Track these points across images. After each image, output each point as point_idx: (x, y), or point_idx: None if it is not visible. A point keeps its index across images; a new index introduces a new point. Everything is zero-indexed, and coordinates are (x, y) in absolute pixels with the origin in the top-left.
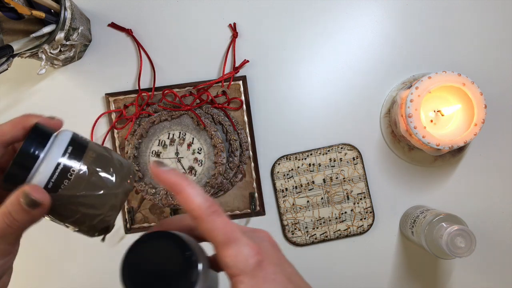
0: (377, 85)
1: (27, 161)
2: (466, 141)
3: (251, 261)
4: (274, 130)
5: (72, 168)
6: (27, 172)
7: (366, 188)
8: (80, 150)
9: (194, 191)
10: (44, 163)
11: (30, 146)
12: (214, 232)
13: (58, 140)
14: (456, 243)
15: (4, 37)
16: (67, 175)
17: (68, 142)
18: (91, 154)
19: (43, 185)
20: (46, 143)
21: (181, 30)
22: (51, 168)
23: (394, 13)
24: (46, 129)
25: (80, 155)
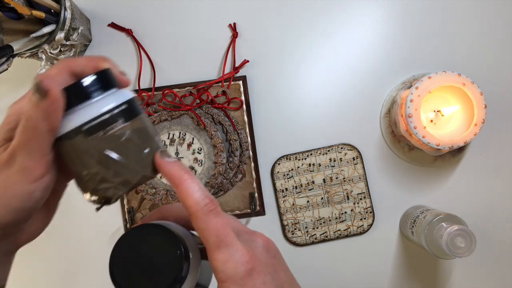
0: (377, 85)
1: (79, 94)
2: (466, 141)
3: (241, 268)
4: (274, 130)
5: (115, 124)
6: (74, 104)
7: (366, 188)
8: (132, 114)
9: (194, 186)
10: (93, 105)
11: (90, 84)
12: (206, 232)
13: (117, 94)
14: (456, 243)
15: (4, 37)
16: (106, 127)
17: (125, 100)
18: (138, 123)
19: (80, 124)
20: (106, 91)
21: (181, 30)
22: (96, 113)
23: (394, 13)
24: (113, 79)
25: (128, 118)
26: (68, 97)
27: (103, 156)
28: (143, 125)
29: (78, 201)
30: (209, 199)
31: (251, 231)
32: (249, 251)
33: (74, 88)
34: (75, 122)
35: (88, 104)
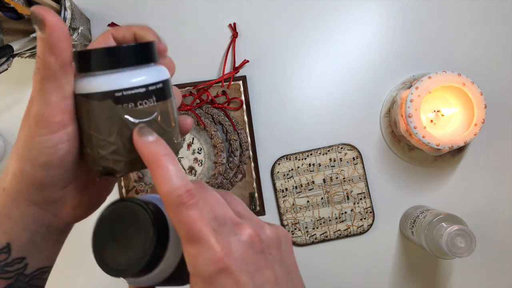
0: (377, 85)
1: (119, 58)
2: (466, 141)
3: (210, 267)
4: (274, 130)
5: (147, 101)
6: (112, 66)
7: (366, 188)
8: (164, 95)
9: (169, 172)
10: (131, 74)
11: (131, 52)
12: (177, 226)
13: (156, 69)
14: (456, 243)
15: (4, 37)
16: (137, 101)
17: (162, 79)
18: (167, 106)
19: (113, 89)
20: (145, 63)
21: (181, 30)
22: (132, 83)
23: (394, 13)
24: (154, 53)
25: (160, 98)
26: (107, 59)
27: (125, 129)
28: (171, 110)
29: None
30: (184, 189)
31: (238, 222)
32: (224, 248)
33: (113, 51)
34: (108, 85)
35: (125, 71)
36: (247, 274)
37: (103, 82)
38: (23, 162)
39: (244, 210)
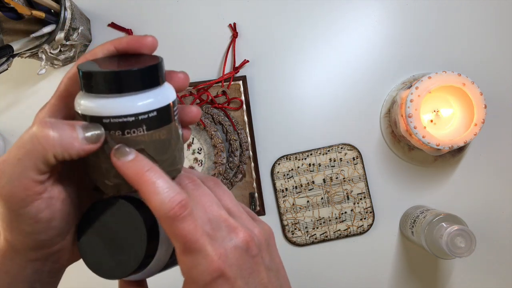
0: (377, 85)
1: (110, 84)
2: (466, 141)
3: (206, 277)
4: (274, 130)
5: (135, 130)
6: (105, 91)
7: (366, 188)
8: (159, 122)
9: (156, 187)
10: (123, 100)
11: (126, 77)
12: (172, 238)
13: (156, 94)
14: (456, 243)
15: (4, 37)
16: (124, 129)
17: (158, 107)
18: (161, 134)
19: (101, 115)
20: (145, 88)
21: (181, 30)
22: (121, 111)
23: (394, 13)
24: (157, 75)
25: (153, 126)
26: (103, 82)
27: (108, 152)
28: (166, 137)
29: None
30: (176, 201)
31: (232, 225)
32: (220, 256)
33: (107, 76)
34: (98, 110)
35: (119, 97)
36: (242, 279)
37: (96, 105)
38: (11, 231)
39: (233, 205)
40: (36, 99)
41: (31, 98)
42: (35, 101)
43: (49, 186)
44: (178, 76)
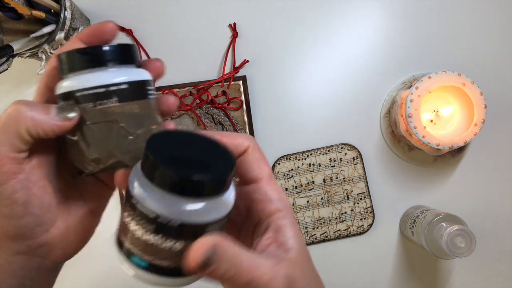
0: (377, 85)
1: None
2: (466, 141)
3: None
4: (274, 130)
5: (106, 101)
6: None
7: (366, 188)
8: (130, 96)
9: None
10: (91, 76)
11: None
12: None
13: (128, 71)
14: (456, 243)
15: (4, 37)
16: (96, 101)
17: (129, 80)
18: (133, 107)
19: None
20: (118, 64)
21: (181, 30)
22: (93, 83)
23: (394, 13)
24: (130, 55)
25: (124, 99)
26: (75, 60)
27: (84, 127)
28: (139, 112)
29: None
30: None
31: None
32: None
33: (80, 52)
34: (72, 85)
35: (91, 73)
36: None
37: (69, 82)
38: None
39: None
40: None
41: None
42: None
43: (26, 168)
44: (154, 63)
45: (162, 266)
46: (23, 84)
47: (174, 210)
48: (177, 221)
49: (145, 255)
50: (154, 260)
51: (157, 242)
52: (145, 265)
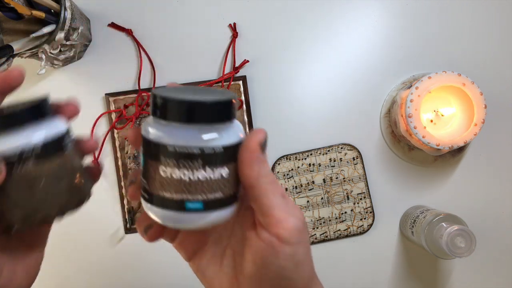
0: (377, 85)
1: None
2: (466, 141)
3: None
4: (274, 130)
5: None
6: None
7: (366, 188)
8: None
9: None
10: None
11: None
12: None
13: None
14: (456, 243)
15: (4, 37)
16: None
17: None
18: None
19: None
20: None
21: (181, 30)
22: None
23: (394, 13)
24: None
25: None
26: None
27: (8, 187)
28: (58, 167)
29: None
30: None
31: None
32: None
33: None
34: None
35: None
36: None
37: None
38: None
39: None
40: None
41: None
42: None
43: None
44: (68, 107)
45: (216, 199)
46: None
47: (211, 138)
48: (219, 148)
49: (197, 195)
50: (208, 196)
51: (208, 176)
52: (201, 205)
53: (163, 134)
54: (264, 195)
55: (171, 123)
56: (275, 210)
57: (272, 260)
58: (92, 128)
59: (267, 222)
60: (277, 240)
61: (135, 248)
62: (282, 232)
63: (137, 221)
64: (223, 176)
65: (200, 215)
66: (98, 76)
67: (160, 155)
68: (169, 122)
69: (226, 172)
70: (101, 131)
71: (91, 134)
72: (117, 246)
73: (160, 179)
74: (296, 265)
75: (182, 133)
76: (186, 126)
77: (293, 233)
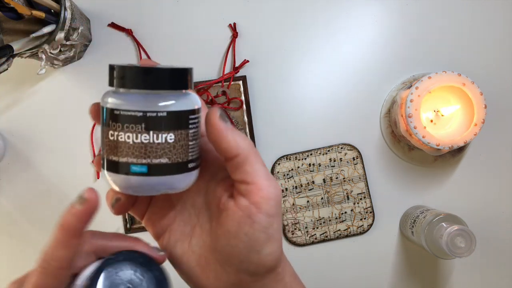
0: (377, 85)
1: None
2: (466, 141)
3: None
4: (274, 130)
5: None
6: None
7: (366, 188)
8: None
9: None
10: None
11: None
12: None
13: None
14: (456, 243)
15: (4, 37)
16: None
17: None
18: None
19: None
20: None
21: (181, 30)
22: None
23: (394, 13)
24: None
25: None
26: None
27: None
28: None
29: None
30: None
31: None
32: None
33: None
34: None
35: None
36: None
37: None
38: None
39: None
40: (36, 99)
41: (31, 98)
42: (35, 101)
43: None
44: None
45: (161, 164)
46: (23, 84)
47: (156, 103)
48: (163, 112)
49: (141, 159)
50: (152, 160)
51: (151, 140)
52: (145, 169)
53: (114, 100)
54: (247, 162)
55: (125, 91)
56: (258, 177)
57: (246, 230)
58: (92, 128)
59: (249, 190)
60: (255, 208)
61: None
62: (261, 201)
63: (106, 195)
64: (167, 141)
65: (146, 179)
66: (98, 76)
67: (109, 120)
68: (124, 89)
69: (172, 138)
70: None
71: (91, 134)
72: None
73: (109, 143)
74: (267, 239)
75: (132, 99)
76: (138, 93)
77: (271, 203)
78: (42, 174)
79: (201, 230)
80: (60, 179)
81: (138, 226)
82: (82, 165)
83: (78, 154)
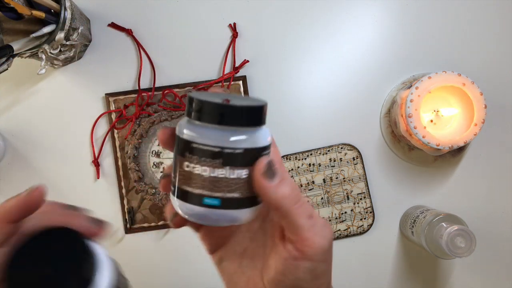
0: (377, 85)
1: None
2: (466, 141)
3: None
4: (274, 130)
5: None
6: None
7: (366, 188)
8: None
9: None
10: None
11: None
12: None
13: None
14: (456, 243)
15: (4, 37)
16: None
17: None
18: None
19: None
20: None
21: (181, 30)
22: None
23: (394, 13)
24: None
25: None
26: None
27: None
28: None
29: (78, 201)
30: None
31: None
32: None
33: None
34: None
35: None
36: None
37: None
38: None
39: None
40: (36, 99)
41: (31, 98)
42: (35, 101)
43: None
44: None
45: (233, 198)
46: (23, 84)
47: (233, 139)
48: (240, 149)
49: (215, 192)
50: (226, 194)
51: (226, 175)
52: (218, 202)
53: (192, 133)
54: (289, 217)
55: (201, 124)
56: (301, 230)
57: (291, 270)
58: (92, 128)
59: (293, 240)
60: (300, 255)
61: (135, 248)
62: (306, 250)
63: (166, 208)
64: (242, 177)
65: (216, 211)
66: (98, 76)
67: (186, 152)
68: (200, 123)
69: (246, 174)
70: (101, 131)
71: (91, 134)
72: (117, 246)
73: (183, 173)
74: (314, 278)
75: (209, 133)
76: (214, 127)
77: (317, 251)
78: (41, 174)
79: (252, 254)
80: (60, 179)
81: (138, 226)
82: (82, 165)
83: (78, 154)
